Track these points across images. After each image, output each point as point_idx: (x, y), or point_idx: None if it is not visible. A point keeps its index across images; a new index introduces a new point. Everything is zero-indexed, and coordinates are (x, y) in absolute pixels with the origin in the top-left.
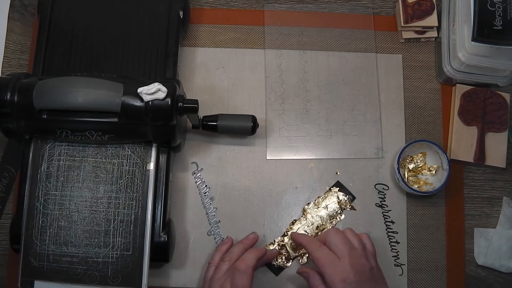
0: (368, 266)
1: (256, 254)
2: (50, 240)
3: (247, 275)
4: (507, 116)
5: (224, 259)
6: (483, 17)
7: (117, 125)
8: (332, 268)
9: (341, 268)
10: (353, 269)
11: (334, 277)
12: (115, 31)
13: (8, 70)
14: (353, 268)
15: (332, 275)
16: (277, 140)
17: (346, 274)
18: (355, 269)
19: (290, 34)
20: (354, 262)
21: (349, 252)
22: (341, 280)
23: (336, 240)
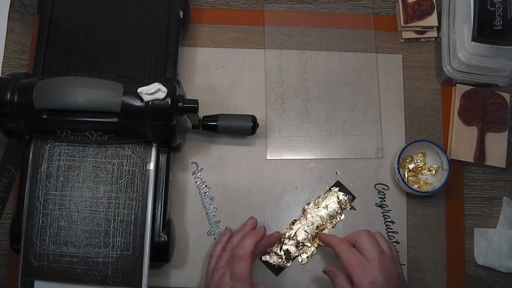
0: (396, 272)
1: (254, 239)
2: (50, 240)
3: (245, 262)
4: (507, 116)
5: (225, 249)
6: (483, 17)
7: (117, 125)
8: (361, 270)
9: (371, 271)
10: (382, 273)
11: (363, 280)
12: (115, 31)
13: (8, 70)
14: (382, 271)
15: (362, 277)
16: (277, 140)
17: (375, 277)
18: (384, 273)
19: (290, 34)
20: (383, 266)
21: (379, 256)
22: (370, 283)
23: (366, 243)
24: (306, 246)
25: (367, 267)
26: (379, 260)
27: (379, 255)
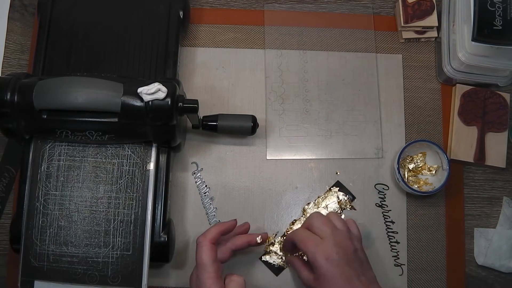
0: (352, 248)
1: (218, 227)
2: (50, 240)
3: (204, 247)
4: (507, 116)
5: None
6: (483, 17)
7: (117, 125)
8: (314, 247)
9: (324, 246)
10: (336, 248)
11: (317, 256)
12: (115, 31)
13: (8, 70)
14: (336, 247)
15: (315, 254)
16: (277, 140)
17: (329, 252)
18: (338, 247)
19: (290, 34)
20: (337, 242)
21: (332, 232)
22: (324, 258)
23: (317, 221)
24: None
25: (320, 244)
26: (332, 236)
27: (332, 231)
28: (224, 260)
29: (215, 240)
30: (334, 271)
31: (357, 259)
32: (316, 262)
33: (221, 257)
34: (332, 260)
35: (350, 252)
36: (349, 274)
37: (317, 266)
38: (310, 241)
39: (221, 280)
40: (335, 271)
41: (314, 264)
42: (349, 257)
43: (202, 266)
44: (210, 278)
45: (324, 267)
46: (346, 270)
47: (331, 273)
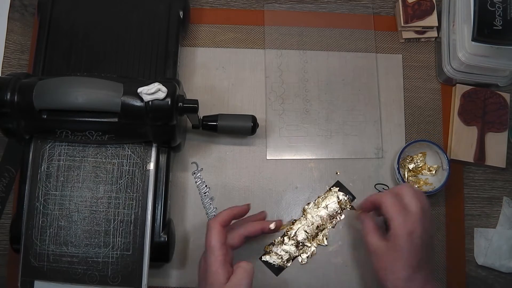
0: (431, 232)
1: (230, 211)
2: (50, 240)
3: (213, 230)
4: (507, 116)
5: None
6: (483, 17)
7: (117, 125)
8: (402, 217)
9: (412, 220)
10: (421, 227)
11: (403, 227)
12: (115, 31)
13: (8, 70)
14: (421, 225)
15: (401, 225)
16: (277, 140)
17: (413, 228)
18: (422, 227)
19: (290, 34)
20: (423, 221)
21: (421, 210)
22: (408, 233)
23: (409, 193)
24: (306, 246)
25: (408, 216)
26: (420, 213)
27: (421, 208)
28: (235, 246)
29: (225, 223)
30: (411, 249)
31: (431, 245)
32: (397, 233)
33: (232, 243)
34: (414, 237)
35: (429, 236)
36: (422, 257)
37: (397, 237)
38: (398, 210)
39: (228, 265)
40: (412, 248)
41: (394, 234)
42: (427, 240)
43: (210, 248)
44: (217, 262)
45: (403, 241)
46: (421, 252)
47: (407, 249)
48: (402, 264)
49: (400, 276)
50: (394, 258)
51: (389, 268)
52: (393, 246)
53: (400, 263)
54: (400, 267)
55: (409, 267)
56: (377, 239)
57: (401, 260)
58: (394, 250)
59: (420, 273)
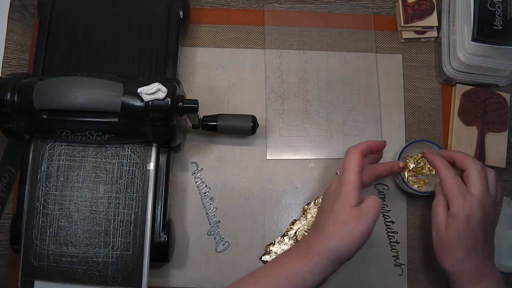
0: (492, 216)
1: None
2: (50, 240)
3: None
4: (507, 116)
5: None
6: (483, 17)
7: (117, 125)
8: (461, 199)
9: (471, 203)
10: (481, 210)
11: (461, 209)
12: (115, 31)
13: (8, 70)
14: (481, 208)
15: (460, 207)
16: (277, 140)
17: (474, 211)
18: (482, 210)
19: (290, 34)
20: (484, 204)
21: (484, 192)
22: (466, 215)
23: (476, 175)
24: None
25: (468, 198)
26: (482, 196)
27: (484, 191)
28: (366, 183)
29: (364, 152)
30: (468, 232)
31: (491, 228)
32: (456, 213)
33: (364, 179)
34: (473, 220)
35: (489, 220)
36: (478, 240)
37: (456, 218)
38: (460, 191)
39: (361, 192)
40: (469, 232)
41: (454, 214)
42: (486, 224)
43: (347, 170)
44: (352, 184)
45: (462, 223)
46: (478, 235)
47: (464, 232)
48: (459, 245)
49: (456, 256)
50: (451, 238)
51: (446, 247)
52: (450, 226)
53: (456, 244)
54: (456, 248)
55: (465, 249)
56: (443, 214)
57: (458, 241)
58: (452, 231)
59: (477, 255)
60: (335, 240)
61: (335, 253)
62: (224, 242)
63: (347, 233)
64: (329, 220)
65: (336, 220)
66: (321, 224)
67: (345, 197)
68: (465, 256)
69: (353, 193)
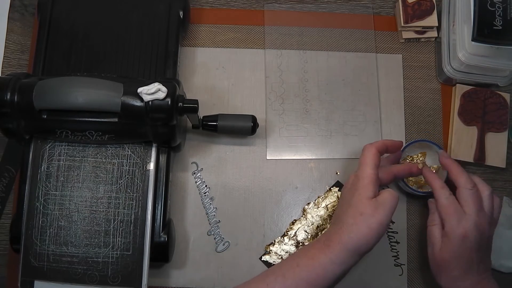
0: (487, 234)
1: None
2: (50, 240)
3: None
4: (507, 116)
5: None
6: (483, 17)
7: (117, 125)
8: (456, 220)
9: (465, 223)
10: (476, 230)
11: (456, 230)
12: (115, 31)
13: (8, 70)
14: (476, 228)
15: (454, 227)
16: (277, 140)
17: (467, 232)
18: (477, 230)
19: (290, 34)
20: (478, 224)
21: (477, 212)
22: (462, 236)
23: (469, 196)
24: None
25: (462, 219)
26: (475, 216)
27: (478, 211)
28: (383, 181)
29: (380, 149)
30: (463, 252)
31: (486, 246)
32: (451, 234)
33: (382, 177)
34: (468, 241)
35: (484, 238)
36: (473, 259)
37: (450, 239)
38: (454, 211)
39: (377, 187)
40: (464, 252)
41: (448, 235)
42: (481, 242)
43: (363, 165)
44: (369, 178)
45: (456, 244)
46: (473, 254)
47: (459, 252)
48: (454, 265)
49: (451, 275)
50: (447, 257)
51: (441, 266)
52: (445, 246)
53: (451, 263)
54: (452, 267)
55: (460, 268)
56: (438, 233)
57: (453, 261)
58: (446, 250)
59: (472, 274)
60: (354, 232)
61: (355, 244)
62: (224, 242)
63: (366, 225)
64: (347, 213)
65: (354, 212)
66: (340, 217)
67: (362, 190)
68: (460, 275)
69: (369, 186)
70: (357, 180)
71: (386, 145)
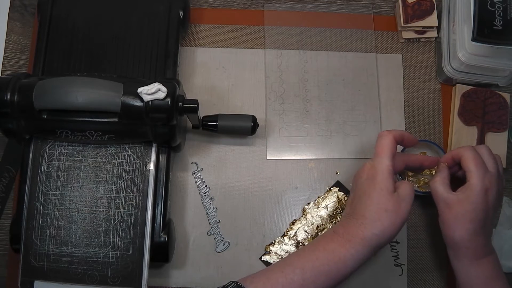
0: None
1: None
2: (50, 240)
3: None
4: (507, 116)
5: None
6: (483, 17)
7: (117, 125)
8: (483, 173)
9: (490, 178)
10: (496, 187)
11: (481, 182)
12: (115, 31)
13: (8, 70)
14: (497, 185)
15: (479, 179)
16: (277, 140)
17: (491, 186)
18: (496, 188)
19: (290, 34)
20: (499, 182)
21: (498, 170)
22: (485, 189)
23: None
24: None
25: (487, 173)
26: (496, 174)
27: (498, 170)
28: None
29: (397, 138)
30: (483, 205)
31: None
32: (474, 186)
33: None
34: (489, 194)
35: (498, 197)
36: (489, 215)
37: (473, 191)
38: (482, 164)
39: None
40: (484, 204)
41: (470, 187)
42: (496, 203)
43: (381, 155)
44: (388, 169)
45: (479, 195)
46: (490, 210)
47: (480, 204)
48: (472, 217)
49: (468, 227)
50: (466, 210)
51: (459, 218)
52: (466, 198)
53: (470, 215)
54: (470, 219)
55: (478, 222)
56: (444, 189)
57: (472, 213)
58: (468, 202)
59: (486, 230)
60: (378, 228)
61: (378, 240)
62: (224, 242)
63: (390, 221)
64: (370, 208)
65: (378, 208)
66: (361, 211)
67: (382, 183)
68: (476, 229)
69: (389, 179)
70: (375, 172)
71: (403, 137)
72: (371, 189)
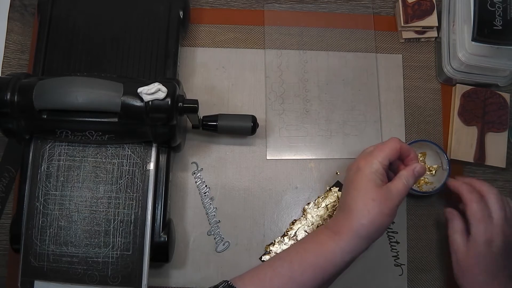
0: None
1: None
2: (50, 240)
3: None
4: (507, 116)
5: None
6: (483, 17)
7: (117, 125)
8: (483, 226)
9: (492, 229)
10: (502, 236)
11: (482, 235)
12: (115, 31)
13: (8, 70)
14: (502, 234)
15: (481, 232)
16: (277, 140)
17: (494, 236)
18: (503, 236)
19: (290, 34)
20: (504, 230)
21: (504, 218)
22: (488, 241)
23: (495, 202)
24: None
25: (489, 225)
26: (502, 222)
27: (504, 217)
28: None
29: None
30: (489, 257)
31: (510, 250)
32: (476, 240)
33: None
34: (494, 246)
35: (508, 243)
36: (498, 264)
37: (476, 244)
38: (483, 217)
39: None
40: (490, 257)
41: (473, 240)
42: (506, 248)
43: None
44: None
45: (482, 248)
46: (498, 259)
47: (485, 257)
48: (480, 269)
49: (477, 279)
50: (473, 262)
51: (468, 271)
52: (472, 250)
53: (478, 267)
54: (478, 272)
55: (487, 273)
56: (461, 240)
57: (479, 265)
58: (473, 255)
59: (498, 279)
60: (365, 218)
61: (366, 230)
62: (224, 242)
63: (378, 210)
64: (357, 199)
65: (365, 198)
66: (348, 203)
67: (370, 176)
68: (486, 280)
69: (377, 172)
70: (366, 163)
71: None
72: (358, 180)
